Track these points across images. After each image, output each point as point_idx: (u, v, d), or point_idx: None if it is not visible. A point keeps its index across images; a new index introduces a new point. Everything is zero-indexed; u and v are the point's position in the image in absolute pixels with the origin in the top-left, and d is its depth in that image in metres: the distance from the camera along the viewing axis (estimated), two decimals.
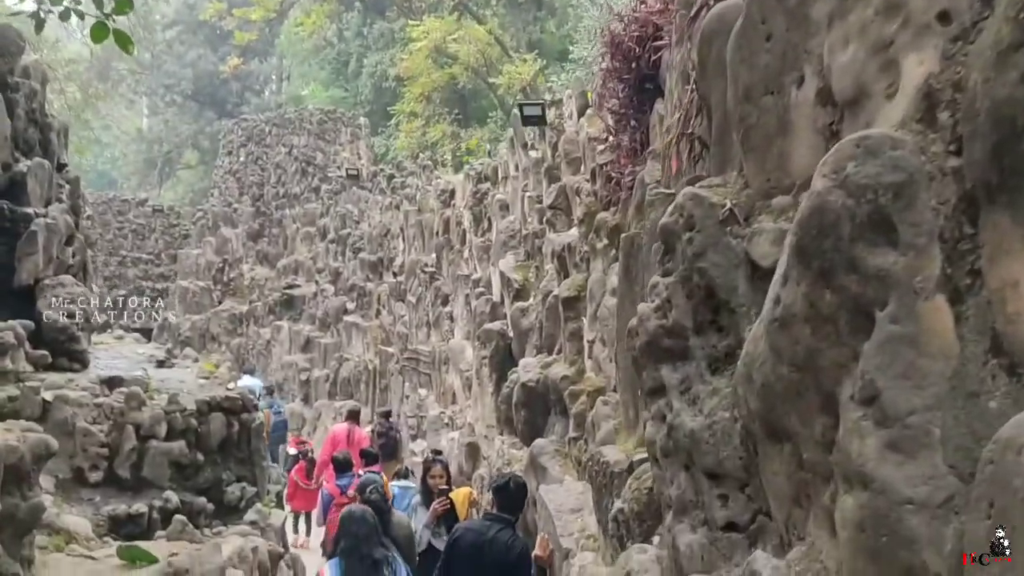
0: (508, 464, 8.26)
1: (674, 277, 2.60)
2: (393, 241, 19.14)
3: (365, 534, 4.95)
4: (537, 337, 9.15)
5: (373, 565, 4.88)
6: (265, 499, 7.56)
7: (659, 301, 2.65)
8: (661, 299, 2.64)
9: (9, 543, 3.27)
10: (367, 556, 4.89)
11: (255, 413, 7.60)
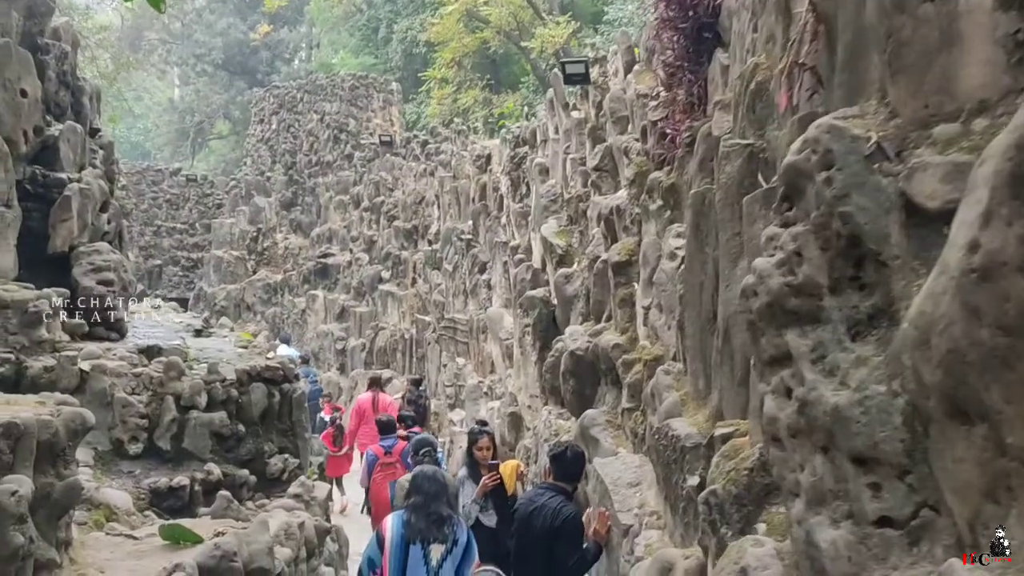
0: (556, 435, 7.98)
1: (804, 226, 2.24)
2: (428, 208, 18.85)
3: (435, 492, 5.09)
4: (583, 304, 8.82)
5: (437, 521, 5.00)
6: (308, 471, 7.36)
7: (782, 255, 2.30)
8: (786, 253, 2.29)
9: (44, 526, 3.05)
10: (433, 513, 5.02)
11: (296, 383, 7.39)
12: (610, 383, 7.28)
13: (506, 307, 13.69)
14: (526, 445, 9.18)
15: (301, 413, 7.29)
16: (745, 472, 2.69)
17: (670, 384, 5.25)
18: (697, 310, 4.47)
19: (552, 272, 10.17)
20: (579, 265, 9.55)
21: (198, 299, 24.79)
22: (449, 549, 5.00)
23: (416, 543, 4.95)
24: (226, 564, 3.44)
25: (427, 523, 4.96)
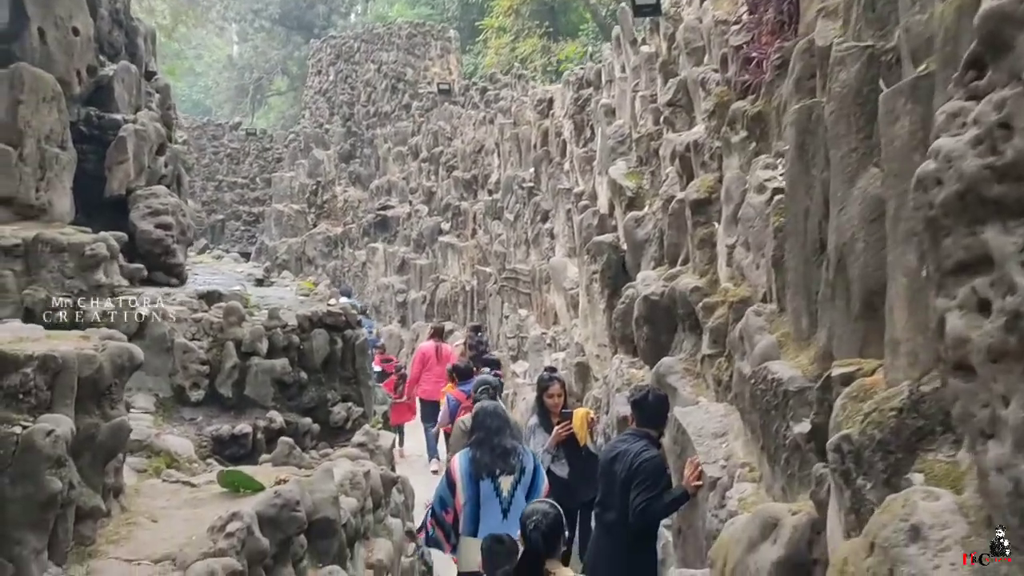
0: (628, 384, 7.59)
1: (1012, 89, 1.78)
2: (488, 157, 18.42)
3: (497, 427, 5.34)
4: (656, 247, 8.35)
5: (503, 454, 5.20)
6: (372, 420, 7.12)
7: (977, 131, 1.85)
8: (983, 127, 1.84)
9: (89, 471, 2.80)
10: (498, 446, 5.24)
11: (359, 330, 7.11)
12: (688, 329, 6.85)
13: (569, 256, 13.27)
14: (595, 395, 8.82)
15: (364, 360, 7.03)
16: (892, 414, 2.27)
17: (762, 326, 4.80)
18: (800, 241, 4.00)
19: (621, 216, 9.70)
20: (651, 207, 9.06)
21: (259, 253, 24.87)
22: (518, 479, 5.24)
23: (485, 477, 5.16)
24: (287, 514, 3.16)
25: (492, 456, 5.16)
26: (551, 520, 3.64)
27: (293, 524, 3.18)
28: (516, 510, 4.99)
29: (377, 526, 4.82)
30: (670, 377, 6.55)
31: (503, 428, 5.35)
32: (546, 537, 3.59)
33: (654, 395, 5.52)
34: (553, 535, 3.63)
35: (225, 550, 2.70)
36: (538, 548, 3.58)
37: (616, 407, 7.41)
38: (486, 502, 5.11)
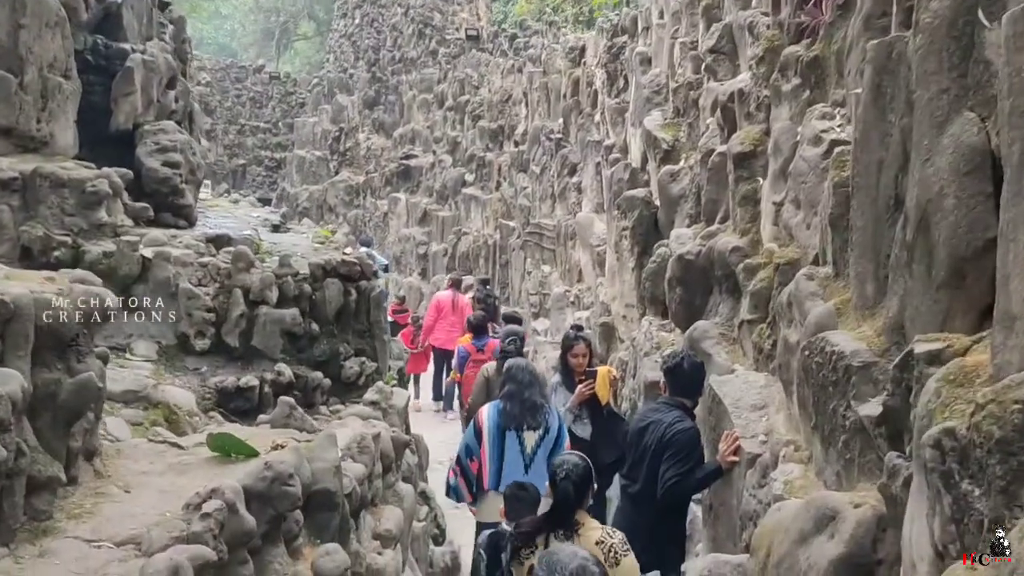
0: (658, 348, 7.18)
1: None
2: (515, 107, 17.84)
3: (528, 381, 5.50)
4: (692, 204, 7.87)
5: (531, 408, 5.37)
6: (387, 376, 6.77)
7: None
8: None
9: (49, 434, 2.43)
10: (527, 400, 5.38)
11: (375, 281, 6.73)
12: (726, 292, 6.40)
13: (597, 212, 12.79)
14: (621, 358, 8.42)
15: (380, 313, 6.65)
16: (1017, 408, 1.85)
17: (814, 291, 4.35)
18: (871, 196, 3.53)
19: (655, 170, 9.19)
20: (687, 161, 8.55)
21: (280, 199, 24.54)
22: (542, 436, 5.40)
23: (511, 430, 5.34)
24: (279, 488, 2.78)
25: (521, 410, 5.31)
26: (581, 471, 3.64)
27: (286, 500, 2.81)
28: (538, 466, 5.22)
29: (387, 492, 4.48)
30: (704, 342, 6.12)
31: (533, 383, 5.51)
32: (577, 487, 3.58)
33: (690, 362, 5.11)
34: (584, 485, 3.63)
35: (200, 534, 2.34)
36: (568, 497, 3.56)
37: (644, 371, 7.01)
38: (509, 455, 5.30)
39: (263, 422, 4.09)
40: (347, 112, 23.72)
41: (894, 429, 2.81)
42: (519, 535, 3.63)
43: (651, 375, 6.88)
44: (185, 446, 3.42)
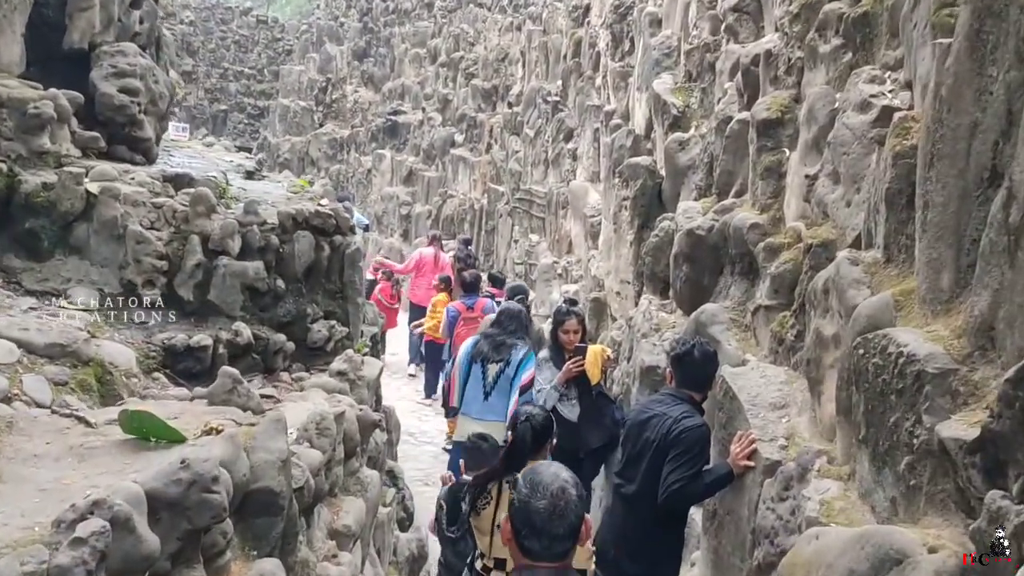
0: (657, 330, 6.57)
1: None
2: (511, 67, 17.07)
3: (512, 329, 6.19)
4: (703, 175, 7.22)
5: (498, 347, 6.08)
6: (359, 343, 6.13)
7: None
8: None
9: None
10: (500, 342, 6.10)
11: (351, 236, 6.06)
12: (739, 273, 5.79)
13: (591, 181, 12.14)
14: (613, 337, 7.81)
15: (355, 273, 5.99)
16: None
17: (858, 278, 3.74)
18: (958, 167, 2.90)
19: (661, 138, 8.53)
20: (697, 129, 7.90)
21: (261, 149, 23.64)
22: (502, 368, 6.06)
23: (477, 362, 6.09)
24: (197, 496, 2.11)
25: (490, 348, 6.04)
26: (541, 419, 3.87)
27: (206, 511, 2.14)
28: (497, 393, 6.07)
29: (348, 480, 3.86)
30: (713, 327, 5.52)
31: (516, 331, 6.18)
32: (535, 432, 3.78)
33: (701, 351, 4.50)
34: (543, 433, 3.83)
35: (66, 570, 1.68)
36: (525, 442, 3.73)
37: (641, 355, 6.41)
38: (472, 382, 6.06)
39: (199, 396, 3.42)
40: (335, 62, 22.78)
41: (994, 460, 2.22)
42: (475, 486, 3.73)
43: (649, 359, 6.29)
44: (95, 423, 2.76)
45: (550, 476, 2.30)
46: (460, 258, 12.05)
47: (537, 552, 2.22)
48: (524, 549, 2.25)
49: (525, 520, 2.23)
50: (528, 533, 2.22)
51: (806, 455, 3.62)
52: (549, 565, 2.23)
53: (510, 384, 6.02)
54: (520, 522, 2.24)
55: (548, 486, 2.25)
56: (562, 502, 2.22)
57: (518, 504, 2.27)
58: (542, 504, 2.22)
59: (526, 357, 6.12)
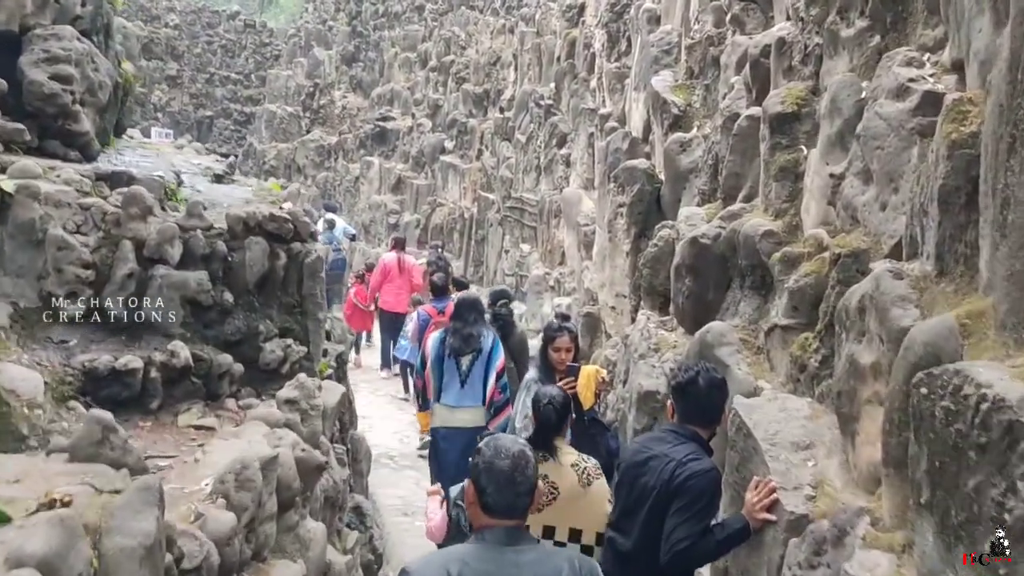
0: (656, 350, 5.89)
1: None
2: (503, 71, 16.45)
3: (473, 319, 6.20)
4: (707, 179, 6.57)
5: (467, 339, 6.12)
6: (321, 364, 5.44)
7: None
8: None
9: None
10: (468, 335, 6.12)
11: (312, 244, 5.38)
12: (750, 287, 5.12)
13: (586, 188, 11.50)
14: (607, 356, 7.12)
15: (316, 285, 5.31)
16: None
17: (905, 295, 3.07)
18: None
19: (660, 139, 7.88)
20: (701, 130, 7.25)
21: (247, 156, 22.97)
22: (475, 357, 6.12)
23: (451, 357, 6.14)
24: None
25: (460, 343, 6.11)
26: (562, 399, 4.07)
27: None
28: (472, 381, 6.15)
29: (284, 537, 3.16)
30: (720, 349, 4.84)
31: (478, 320, 6.25)
32: (558, 413, 3.99)
33: (707, 378, 3.79)
34: (564, 412, 4.05)
35: None
36: (550, 422, 3.97)
37: (638, 378, 5.73)
38: (448, 375, 6.15)
39: (58, 450, 2.69)
40: (324, 67, 22.13)
41: None
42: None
43: (647, 383, 5.61)
44: None
45: (510, 441, 2.56)
46: (432, 262, 12.11)
47: (500, 508, 2.41)
48: (487, 507, 2.43)
49: (490, 479, 2.42)
50: (493, 491, 2.41)
51: (843, 514, 2.94)
52: (508, 522, 2.42)
53: (484, 371, 6.16)
54: (484, 481, 2.43)
55: (509, 448, 2.48)
56: (523, 462, 2.45)
57: (482, 466, 2.46)
58: (505, 464, 2.43)
59: (495, 343, 6.26)
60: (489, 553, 2.36)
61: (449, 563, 2.32)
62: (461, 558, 2.34)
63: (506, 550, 2.37)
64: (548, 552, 2.70)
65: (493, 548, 2.37)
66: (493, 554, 2.36)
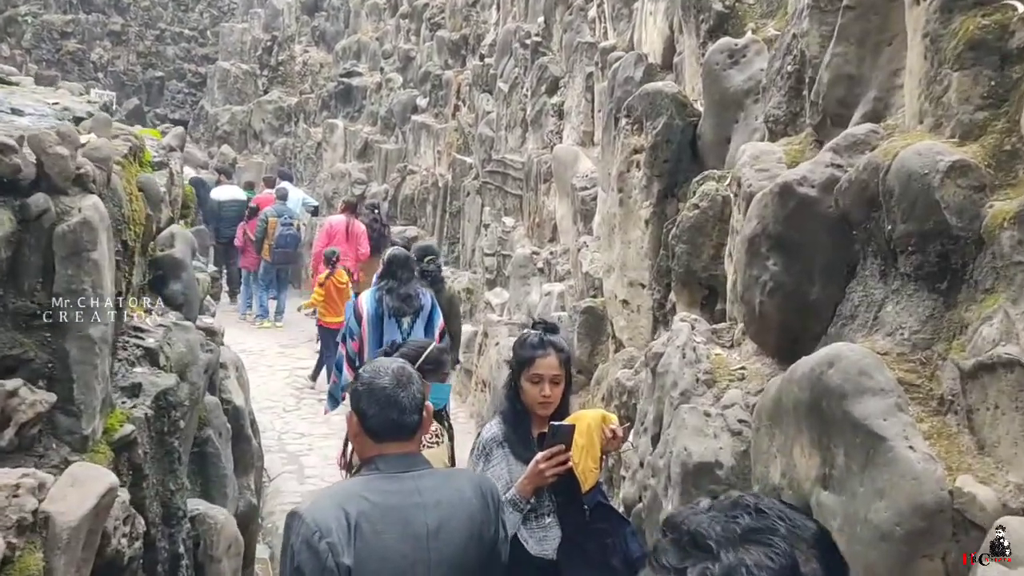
0: (709, 383, 3.39)
1: None
2: (485, 12, 13.88)
3: (407, 278, 5.94)
4: (781, 99, 4.07)
5: (407, 299, 5.88)
6: (113, 417, 2.97)
7: None
8: None
9: None
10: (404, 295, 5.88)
11: (78, 200, 2.88)
12: (911, 275, 2.64)
13: (583, 145, 9.01)
14: (620, 380, 4.61)
15: (82, 273, 2.82)
16: None
17: None
18: None
19: (695, 54, 5.38)
20: (761, 31, 4.75)
21: (198, 121, 20.38)
22: (415, 316, 5.96)
23: (391, 318, 5.91)
24: None
25: (400, 303, 5.86)
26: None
27: None
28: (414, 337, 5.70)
29: None
30: (862, 403, 2.38)
31: (411, 279, 5.95)
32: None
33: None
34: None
35: None
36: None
37: (680, 436, 3.24)
38: (388, 334, 5.75)
39: None
40: (283, 18, 19.48)
41: None
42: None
43: (697, 448, 3.13)
44: None
45: (389, 360, 2.40)
46: (367, 224, 11.50)
47: (387, 430, 2.19)
48: (372, 432, 2.20)
49: (371, 400, 2.21)
50: (376, 412, 2.19)
51: None
52: (399, 447, 2.20)
53: (424, 331, 5.91)
54: (366, 404, 2.22)
55: (388, 366, 2.28)
56: (404, 377, 2.24)
57: (361, 388, 2.25)
58: (385, 380, 2.22)
59: (433, 303, 6.09)
60: (387, 483, 2.13)
61: (344, 501, 2.06)
62: (358, 493, 2.10)
63: (404, 477, 2.16)
64: (447, 474, 2.60)
65: (389, 477, 2.15)
66: (391, 484, 2.13)
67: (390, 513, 2.08)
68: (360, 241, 11.06)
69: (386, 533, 2.06)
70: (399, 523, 2.08)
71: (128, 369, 3.38)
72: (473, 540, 2.19)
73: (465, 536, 2.17)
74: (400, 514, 2.09)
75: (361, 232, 11.20)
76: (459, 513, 2.18)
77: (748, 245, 3.15)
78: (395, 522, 2.08)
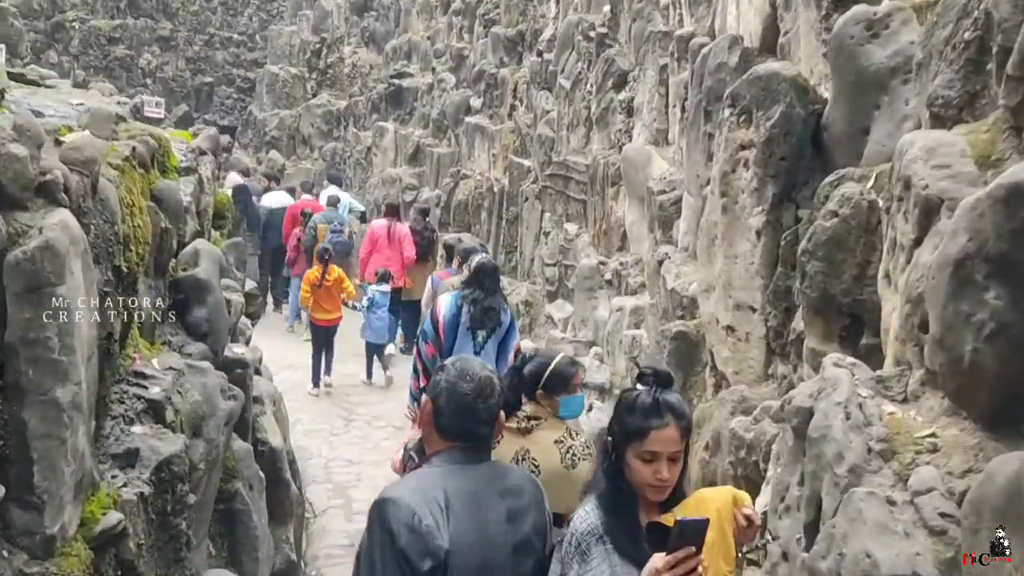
0: (886, 455, 2.51)
1: None
2: (542, 6, 13.08)
3: (493, 289, 5.70)
4: (949, 77, 3.17)
5: (488, 313, 5.61)
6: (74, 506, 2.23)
7: None
8: None
9: None
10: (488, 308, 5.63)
11: (43, 216, 2.14)
12: None
13: (657, 144, 8.16)
14: (736, 431, 3.73)
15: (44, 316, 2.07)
16: None
17: None
18: None
19: (814, 29, 4.49)
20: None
21: (246, 126, 19.99)
22: (492, 331, 5.67)
23: (468, 329, 5.64)
24: None
25: (481, 317, 5.59)
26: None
27: None
28: (485, 355, 5.55)
29: None
30: None
31: (497, 291, 5.76)
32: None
33: None
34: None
35: None
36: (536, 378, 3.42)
37: (859, 537, 2.36)
38: (461, 344, 5.58)
39: None
40: (332, 19, 18.95)
41: None
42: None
43: (885, 555, 2.25)
44: None
45: (479, 366, 2.37)
46: (416, 230, 11.25)
47: (455, 433, 2.25)
48: (441, 430, 2.26)
49: (450, 401, 2.25)
50: (452, 413, 2.24)
51: None
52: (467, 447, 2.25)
53: (497, 350, 5.62)
54: (444, 403, 2.26)
55: (477, 373, 2.29)
56: (487, 388, 2.27)
57: (445, 386, 2.28)
58: (469, 387, 2.25)
59: (512, 321, 5.85)
60: (462, 472, 2.22)
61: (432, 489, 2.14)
62: (439, 483, 2.17)
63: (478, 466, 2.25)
64: (504, 467, 2.54)
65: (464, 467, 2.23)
66: (467, 472, 2.22)
67: (473, 499, 2.18)
68: (404, 245, 10.73)
69: (473, 518, 2.15)
70: (482, 509, 2.18)
71: (124, 429, 2.64)
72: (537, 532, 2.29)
73: (532, 525, 2.28)
74: (482, 500, 2.19)
75: (405, 235, 10.87)
76: (525, 502, 2.29)
77: (954, 269, 2.27)
78: (479, 508, 2.18)
